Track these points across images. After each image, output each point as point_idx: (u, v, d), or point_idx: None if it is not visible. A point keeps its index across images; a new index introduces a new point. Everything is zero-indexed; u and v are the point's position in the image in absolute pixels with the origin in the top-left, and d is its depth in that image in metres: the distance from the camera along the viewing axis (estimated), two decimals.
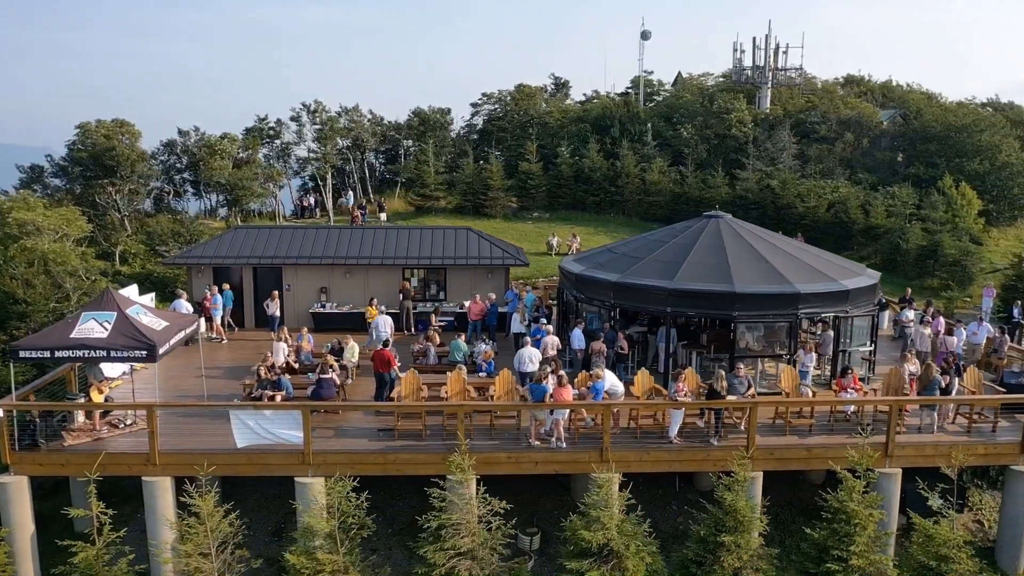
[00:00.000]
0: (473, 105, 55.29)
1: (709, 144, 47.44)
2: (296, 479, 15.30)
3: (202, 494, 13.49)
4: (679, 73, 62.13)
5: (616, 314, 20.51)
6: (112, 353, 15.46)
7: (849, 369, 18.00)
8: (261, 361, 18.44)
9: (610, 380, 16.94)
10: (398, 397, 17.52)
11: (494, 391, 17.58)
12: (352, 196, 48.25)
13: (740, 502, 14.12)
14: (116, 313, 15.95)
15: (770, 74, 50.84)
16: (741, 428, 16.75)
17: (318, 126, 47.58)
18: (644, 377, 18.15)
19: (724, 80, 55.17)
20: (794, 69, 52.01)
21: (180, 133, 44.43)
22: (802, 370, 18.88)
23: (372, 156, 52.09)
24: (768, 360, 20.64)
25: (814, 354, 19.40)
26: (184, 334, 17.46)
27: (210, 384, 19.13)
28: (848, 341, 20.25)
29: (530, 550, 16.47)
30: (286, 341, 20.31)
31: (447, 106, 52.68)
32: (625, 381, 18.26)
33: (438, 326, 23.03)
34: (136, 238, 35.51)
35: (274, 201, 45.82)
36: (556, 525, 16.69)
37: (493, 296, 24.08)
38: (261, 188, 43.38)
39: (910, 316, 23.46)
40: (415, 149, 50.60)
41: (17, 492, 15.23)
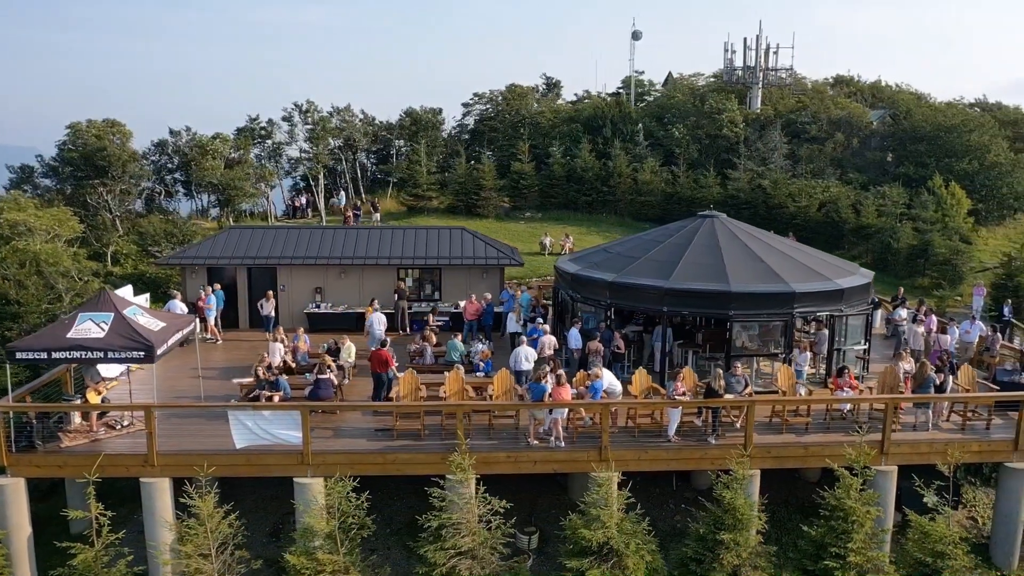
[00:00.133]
0: (465, 105, 55.32)
1: (700, 144, 47.58)
2: (295, 479, 15.29)
3: (202, 495, 13.47)
4: (669, 73, 62.33)
5: (611, 313, 20.57)
6: (110, 354, 15.38)
7: (846, 368, 18.11)
8: (258, 362, 18.37)
9: (608, 379, 16.99)
10: (397, 397, 17.51)
11: (492, 391, 17.60)
12: (344, 196, 48.15)
13: (739, 500, 14.21)
14: (113, 314, 15.89)
15: (761, 74, 50.95)
16: (738, 426, 16.84)
17: (310, 126, 47.49)
18: (642, 376, 18.22)
19: (715, 80, 55.33)
20: (784, 69, 52.15)
21: (171, 133, 44.26)
22: (797, 369, 18.98)
23: (364, 156, 51.98)
24: (763, 359, 20.76)
25: (808, 353, 19.52)
26: (181, 335, 17.40)
27: (206, 385, 19.05)
28: (843, 340, 20.36)
29: (528, 549, 16.50)
30: (282, 342, 20.26)
31: (439, 106, 52.74)
32: (622, 380, 18.32)
33: (435, 326, 23.02)
34: (128, 239, 35.30)
35: (266, 201, 45.68)
36: (554, 524, 16.75)
37: (489, 296, 24.10)
38: (253, 188, 43.22)
39: (903, 315, 23.59)
40: (407, 149, 50.54)
41: (14, 494, 15.15)
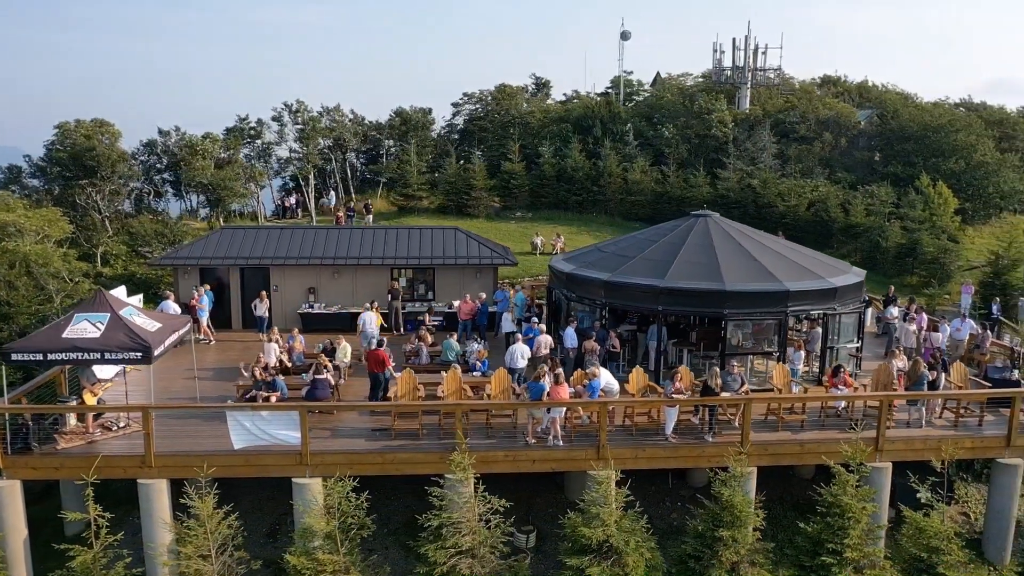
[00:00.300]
0: (454, 105, 55.18)
1: (690, 144, 47.71)
2: (293, 480, 15.27)
3: (202, 496, 13.44)
4: (658, 73, 62.42)
5: (606, 312, 20.64)
6: (107, 355, 15.31)
7: (841, 367, 18.25)
8: (255, 362, 18.33)
9: (605, 378, 17.05)
10: (395, 397, 17.51)
11: (490, 390, 17.64)
12: (334, 196, 47.99)
13: (737, 497, 14.30)
14: (109, 314, 15.82)
15: (749, 74, 51.18)
16: (735, 424, 16.94)
17: (300, 126, 47.29)
18: (639, 375, 18.31)
19: (704, 80, 55.48)
20: (772, 69, 52.36)
21: (160, 133, 43.95)
22: (792, 368, 19.11)
23: (353, 156, 51.82)
24: (757, 357, 20.90)
25: (802, 352, 19.65)
26: (178, 335, 17.33)
27: (201, 385, 19.01)
28: (836, 338, 20.53)
29: (526, 548, 16.54)
30: (277, 342, 20.22)
31: (428, 106, 52.60)
32: (617, 379, 18.39)
33: (431, 326, 23.03)
34: (118, 239, 35.06)
35: (255, 202, 45.46)
36: (551, 523, 16.82)
37: (483, 296, 24.13)
38: (243, 189, 43.01)
39: (894, 313, 23.80)
40: (397, 149, 50.44)
41: (10, 496, 15.07)
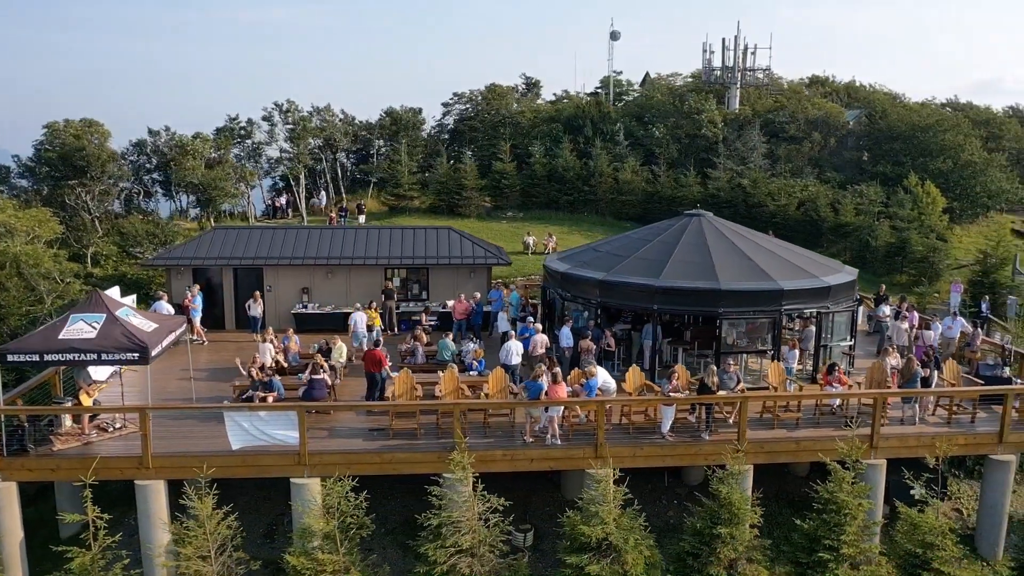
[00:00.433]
0: (445, 105, 55.23)
1: (680, 144, 47.93)
2: (292, 480, 15.26)
3: (201, 496, 13.40)
4: (647, 73, 62.69)
5: (600, 312, 20.72)
6: (104, 356, 15.26)
7: (836, 365, 18.38)
8: (251, 363, 18.30)
9: (603, 377, 17.13)
10: (392, 396, 17.52)
11: (487, 389, 17.67)
12: (325, 196, 47.91)
13: (734, 494, 14.37)
14: (105, 315, 15.76)
15: (739, 74, 51.46)
16: (731, 422, 17.05)
17: (290, 126, 47.15)
18: (635, 374, 18.39)
19: (693, 80, 55.76)
20: (762, 70, 52.68)
21: (150, 133, 43.72)
22: (786, 366, 19.22)
23: (343, 156, 51.75)
24: (751, 356, 21.02)
25: (796, 350, 19.78)
26: (174, 336, 17.29)
27: (196, 386, 18.96)
28: (829, 336, 20.67)
29: (524, 546, 16.58)
30: (272, 342, 20.18)
31: (427, 105, 52.59)
32: (613, 378, 18.45)
33: (427, 326, 23.04)
34: (108, 239, 34.89)
35: (246, 202, 45.33)
36: (548, 521, 16.87)
37: (478, 295, 24.16)
38: (234, 188, 42.88)
39: (886, 311, 23.99)
40: (387, 149, 50.40)
41: (6, 498, 15.02)
